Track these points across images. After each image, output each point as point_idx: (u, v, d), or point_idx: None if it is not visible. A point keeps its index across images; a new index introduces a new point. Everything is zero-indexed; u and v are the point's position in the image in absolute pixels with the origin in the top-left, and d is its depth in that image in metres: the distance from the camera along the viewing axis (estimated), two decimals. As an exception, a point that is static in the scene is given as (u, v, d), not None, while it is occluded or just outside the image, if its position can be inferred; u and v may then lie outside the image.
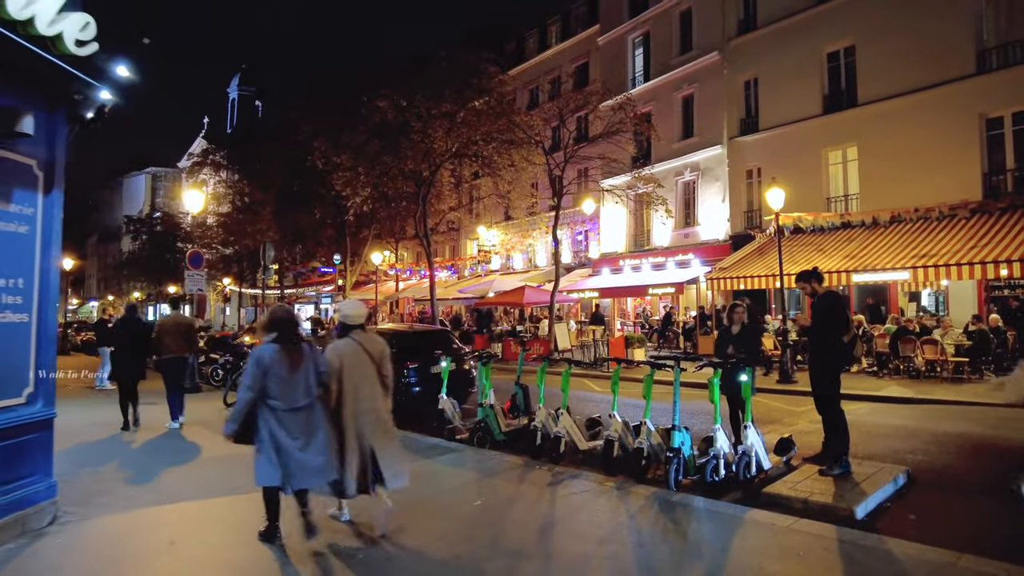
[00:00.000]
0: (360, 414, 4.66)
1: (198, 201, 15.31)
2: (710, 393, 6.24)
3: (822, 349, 6.32)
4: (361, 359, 4.73)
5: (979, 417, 9.61)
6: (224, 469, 6.80)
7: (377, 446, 4.67)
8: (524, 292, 21.71)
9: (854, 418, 9.65)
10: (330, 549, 4.53)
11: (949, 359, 13.06)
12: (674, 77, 23.29)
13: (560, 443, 7.39)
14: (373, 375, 4.76)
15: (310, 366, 4.45)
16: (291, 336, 4.45)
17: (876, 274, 14.46)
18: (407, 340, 10.80)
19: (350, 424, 4.63)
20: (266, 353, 4.32)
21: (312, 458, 4.33)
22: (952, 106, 15.75)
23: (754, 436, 6.25)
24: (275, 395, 4.29)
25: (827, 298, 6.43)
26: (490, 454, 7.59)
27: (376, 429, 4.70)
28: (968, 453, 7.35)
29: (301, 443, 4.30)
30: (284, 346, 4.38)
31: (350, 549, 4.56)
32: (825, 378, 6.27)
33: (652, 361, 6.89)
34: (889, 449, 7.48)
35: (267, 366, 4.29)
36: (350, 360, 4.69)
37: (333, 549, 4.54)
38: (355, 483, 4.61)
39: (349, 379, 4.65)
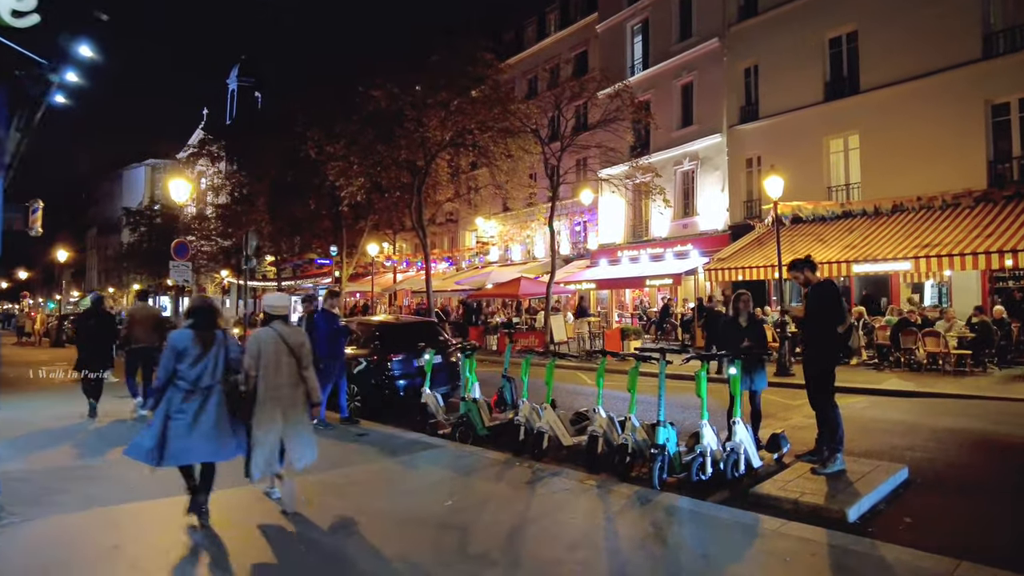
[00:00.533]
0: (273, 399, 4.99)
1: (184, 191, 14.99)
2: (697, 387, 5.93)
3: (816, 341, 6.01)
4: (279, 348, 5.06)
5: (981, 412, 9.29)
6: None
7: (286, 429, 5.03)
8: (520, 283, 21.40)
9: (852, 412, 9.38)
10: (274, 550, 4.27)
11: (951, 352, 12.73)
12: (673, 64, 22.85)
13: (543, 439, 7.11)
14: (290, 363, 5.09)
15: (220, 351, 4.73)
16: (206, 323, 4.74)
17: (877, 264, 14.10)
18: (391, 332, 10.51)
19: (264, 406, 4.96)
20: (181, 337, 4.66)
21: (196, 437, 4.54)
22: (957, 92, 15.32)
23: (743, 432, 5.95)
24: (183, 375, 4.59)
25: (821, 288, 6.11)
26: (471, 450, 7.31)
27: (288, 412, 5.05)
28: (969, 450, 7.03)
29: (191, 421, 4.53)
30: (198, 332, 4.68)
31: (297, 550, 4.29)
32: (818, 371, 5.97)
33: (637, 354, 6.58)
34: (887, 445, 7.17)
35: (180, 348, 4.60)
36: (268, 348, 5.03)
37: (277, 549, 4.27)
38: (263, 462, 4.94)
39: (265, 365, 5.00)
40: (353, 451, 7.29)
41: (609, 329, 19.91)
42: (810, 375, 6.06)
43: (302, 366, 5.11)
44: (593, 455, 6.59)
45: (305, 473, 6.27)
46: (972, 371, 12.56)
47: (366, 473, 6.36)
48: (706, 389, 5.93)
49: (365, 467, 6.58)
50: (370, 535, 4.62)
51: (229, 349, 4.76)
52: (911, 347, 13.30)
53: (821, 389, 5.95)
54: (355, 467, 6.56)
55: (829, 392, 5.96)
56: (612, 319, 24.64)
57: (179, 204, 15.50)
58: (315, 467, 6.50)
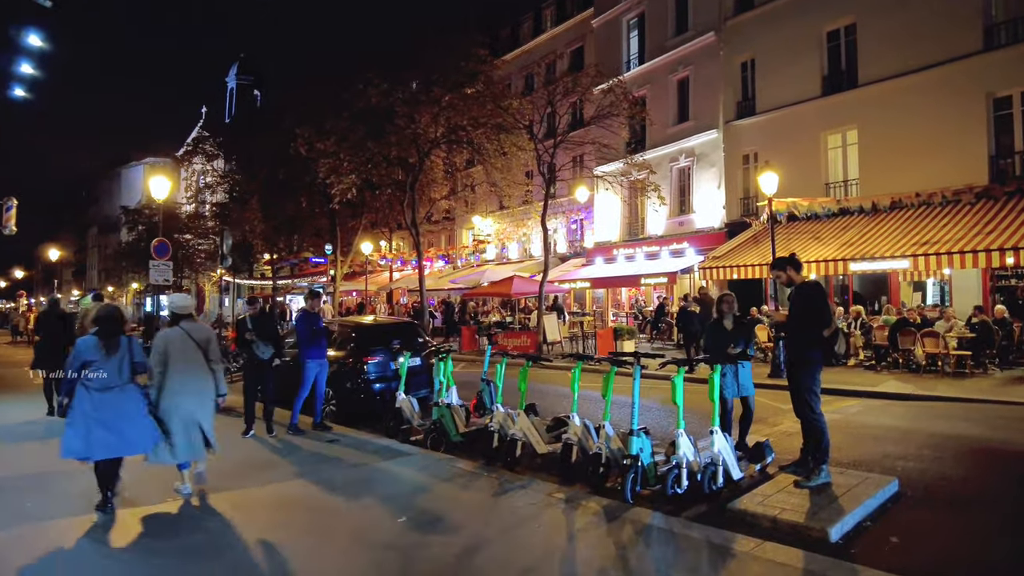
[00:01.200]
0: (187, 392, 5.40)
1: (165, 188, 14.66)
2: (673, 393, 5.57)
3: (800, 345, 5.64)
4: (187, 344, 5.49)
5: (980, 416, 8.91)
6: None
7: (202, 418, 5.48)
8: (513, 282, 21.04)
9: (844, 417, 9.00)
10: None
11: (951, 352, 12.34)
12: (669, 59, 22.44)
13: (516, 446, 6.76)
14: (199, 358, 5.53)
15: (125, 355, 5.12)
16: (110, 331, 5.10)
17: (875, 262, 13.71)
18: (367, 333, 10.17)
19: (176, 401, 5.36)
20: (86, 343, 5.05)
21: (113, 433, 4.93)
22: (957, 85, 14.90)
23: (722, 442, 5.58)
24: (92, 378, 4.96)
25: (805, 288, 5.74)
26: (441, 459, 6.97)
27: (201, 404, 5.49)
28: (965, 460, 6.65)
29: (107, 419, 4.91)
30: (103, 339, 5.05)
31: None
32: (802, 378, 5.60)
33: (612, 359, 6.22)
34: (878, 454, 6.79)
35: (86, 354, 4.99)
36: (176, 346, 5.45)
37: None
38: (181, 451, 5.36)
39: (175, 362, 5.40)
40: (316, 459, 6.95)
41: (603, 328, 19.52)
42: (793, 381, 5.69)
43: (210, 360, 5.58)
44: (567, 464, 6.25)
45: (253, 482, 5.98)
46: (972, 373, 12.17)
47: (323, 484, 6.02)
48: (682, 396, 5.57)
49: (324, 477, 6.24)
50: (303, 555, 4.28)
51: (134, 353, 5.19)
52: (909, 348, 12.91)
53: (805, 397, 5.58)
54: (313, 477, 6.22)
55: (814, 400, 5.59)
56: (608, 318, 24.26)
57: (160, 202, 15.13)
58: (270, 476, 6.24)
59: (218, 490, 5.78)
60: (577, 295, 27.13)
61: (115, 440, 4.92)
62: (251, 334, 8.16)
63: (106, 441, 4.88)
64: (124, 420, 4.98)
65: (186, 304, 5.82)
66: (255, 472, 6.42)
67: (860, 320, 14.78)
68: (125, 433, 4.97)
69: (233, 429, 8.03)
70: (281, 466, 6.68)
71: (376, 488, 5.87)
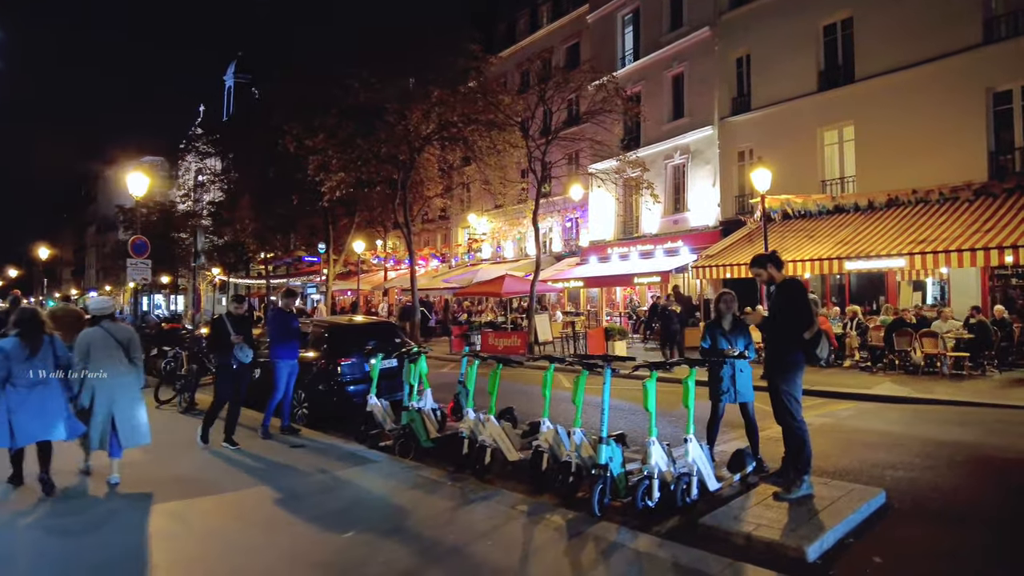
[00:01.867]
0: (105, 386, 5.84)
1: (142, 185, 14.31)
2: (645, 399, 5.22)
3: (779, 347, 5.28)
4: (108, 343, 5.94)
5: (977, 420, 8.55)
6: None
7: (118, 413, 5.87)
8: (504, 281, 20.66)
9: (835, 421, 8.64)
10: None
11: (948, 353, 11.98)
12: (664, 55, 22.07)
13: (486, 453, 6.42)
14: (120, 355, 5.97)
15: (48, 353, 5.58)
16: (31, 332, 5.53)
17: (870, 261, 13.33)
18: (341, 334, 9.80)
19: (96, 392, 5.81)
20: (8, 344, 5.44)
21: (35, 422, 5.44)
22: (956, 80, 14.52)
23: (697, 451, 5.22)
24: (18, 375, 5.39)
25: (787, 287, 5.38)
26: (407, 466, 6.63)
27: (120, 398, 5.91)
28: (959, 468, 6.28)
29: (29, 410, 5.39)
30: (24, 340, 5.48)
31: None
32: (782, 382, 5.25)
33: (581, 361, 5.88)
34: (867, 463, 6.43)
35: (10, 354, 5.39)
36: (97, 344, 5.89)
37: None
38: (97, 439, 5.82)
39: (96, 360, 5.83)
40: (276, 466, 6.61)
41: (594, 328, 19.16)
42: (772, 386, 5.34)
43: (131, 356, 6.04)
44: (537, 473, 5.92)
45: (203, 490, 5.65)
46: (971, 374, 11.80)
47: (277, 493, 5.67)
48: (655, 401, 5.22)
49: (280, 485, 5.89)
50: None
51: (56, 349, 5.66)
52: (906, 349, 12.56)
53: (785, 402, 5.23)
54: (270, 485, 5.89)
55: (794, 406, 5.24)
56: (602, 318, 23.90)
57: (139, 199, 14.78)
58: (225, 484, 5.90)
59: (166, 498, 5.46)
60: (571, 294, 26.77)
61: (38, 428, 5.46)
62: (237, 337, 7.73)
63: (29, 429, 5.41)
64: (48, 413, 5.50)
65: (106, 306, 6.32)
66: (209, 479, 6.09)
67: (856, 320, 14.43)
68: (49, 423, 5.50)
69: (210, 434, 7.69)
70: (237, 474, 6.34)
71: (330, 499, 5.53)
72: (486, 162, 22.64)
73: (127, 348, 6.01)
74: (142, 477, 6.07)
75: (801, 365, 5.26)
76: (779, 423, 5.35)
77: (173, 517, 5.08)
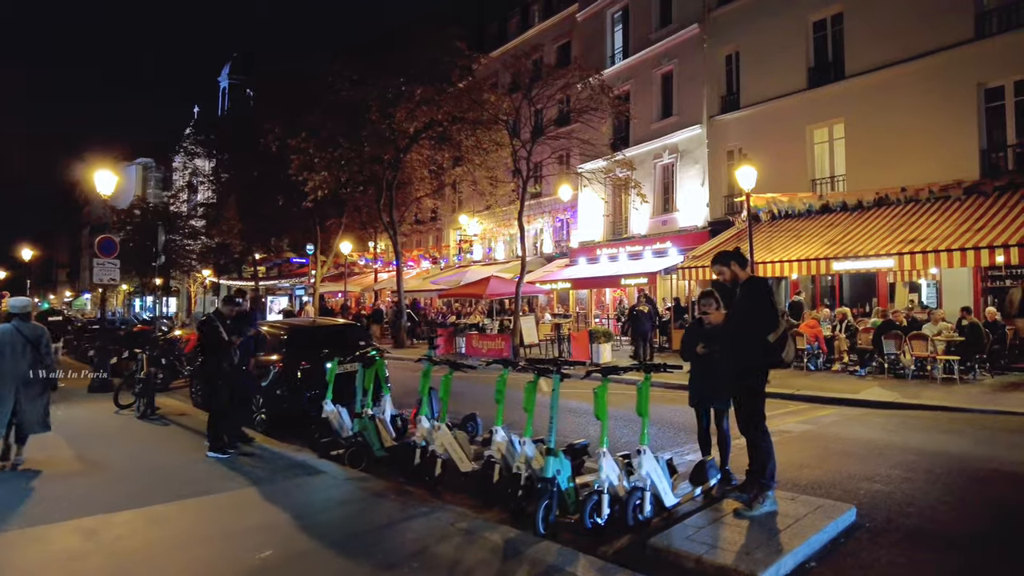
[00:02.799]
0: (11, 378, 6.38)
1: (110, 183, 13.92)
2: (596, 406, 4.83)
3: (742, 352, 4.88)
4: (16, 339, 6.45)
5: (965, 427, 8.16)
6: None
7: (23, 405, 6.43)
8: (489, 283, 20.28)
9: (817, 429, 8.23)
10: None
11: (938, 357, 11.59)
12: (653, 53, 21.71)
13: (436, 463, 6.02)
14: (28, 352, 6.50)
15: None
16: None
17: (858, 261, 12.94)
18: (302, 336, 9.38)
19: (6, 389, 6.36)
20: None
21: None
22: (948, 76, 14.14)
23: (651, 463, 4.82)
24: None
25: (750, 286, 4.99)
26: (353, 477, 6.22)
27: (24, 390, 6.46)
28: (939, 481, 5.87)
29: None
30: None
31: None
32: (744, 388, 4.85)
33: (533, 366, 5.48)
34: (843, 474, 6.03)
35: None
36: (6, 340, 6.42)
37: None
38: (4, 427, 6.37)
39: (5, 356, 6.38)
40: (215, 477, 6.21)
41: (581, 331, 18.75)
42: (734, 393, 4.94)
43: (41, 353, 6.56)
44: (487, 485, 5.53)
45: (126, 503, 5.26)
46: (962, 378, 11.41)
47: (204, 507, 5.28)
48: (606, 409, 4.83)
49: (211, 497, 5.50)
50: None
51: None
52: (895, 352, 12.16)
53: (748, 410, 4.83)
54: (197, 496, 5.49)
55: (757, 415, 4.84)
56: (591, 320, 23.51)
57: (107, 197, 14.36)
58: (151, 496, 5.49)
59: (81, 513, 5.06)
60: (561, 296, 26.37)
61: None
62: (237, 337, 7.35)
63: None
64: None
65: (23, 305, 6.72)
66: (140, 491, 5.69)
67: (846, 323, 14.04)
68: None
69: (147, 440, 7.30)
70: (171, 484, 5.93)
71: (262, 513, 5.13)
72: (473, 162, 22.32)
73: (36, 345, 6.54)
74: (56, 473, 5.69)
75: (765, 371, 4.87)
76: (742, 433, 4.95)
77: (82, 533, 4.67)
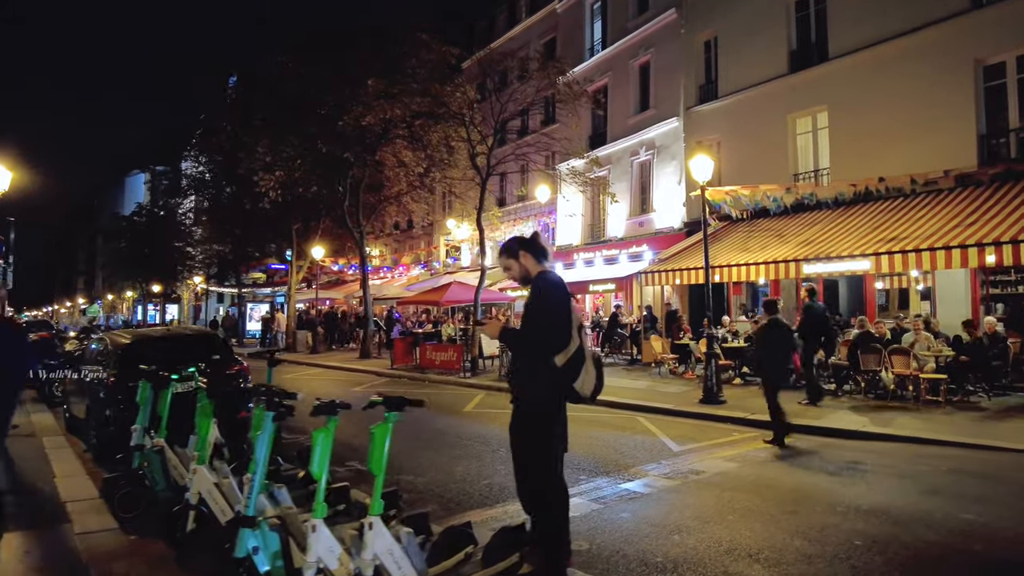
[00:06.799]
0: None
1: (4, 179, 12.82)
2: (371, 454, 3.33)
3: (524, 376, 3.37)
4: None
5: (931, 468, 6.46)
6: None
7: None
8: (449, 289, 18.86)
9: (736, 469, 6.51)
10: None
11: (922, 375, 9.83)
12: (631, 42, 20.18)
13: (188, 516, 4.58)
14: None
15: None
16: None
17: (831, 263, 11.21)
18: (139, 348, 7.96)
19: None
20: None
21: None
22: (941, 52, 12.38)
23: (384, 540, 3.29)
24: None
25: (536, 285, 3.48)
26: (99, 530, 4.82)
27: None
28: (861, 562, 4.22)
29: None
30: None
31: None
32: (525, 424, 3.34)
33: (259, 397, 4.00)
34: (722, 546, 4.39)
35: None
36: None
37: None
38: None
39: None
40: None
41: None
42: (516, 429, 3.43)
43: None
44: (176, 535, 4.31)
45: None
46: (949, 400, 9.64)
47: None
48: (384, 459, 3.33)
49: None
50: None
51: None
52: (874, 369, 10.41)
53: (530, 453, 3.31)
54: None
55: (545, 462, 3.32)
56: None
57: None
58: None
59: None
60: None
61: None
62: None
63: None
64: None
65: None
66: None
67: (825, 337, 12.26)
68: None
69: None
70: None
71: None
72: (444, 161, 21.06)
73: None
74: None
75: (551, 406, 3.34)
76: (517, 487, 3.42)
77: None
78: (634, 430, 8.77)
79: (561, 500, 3.33)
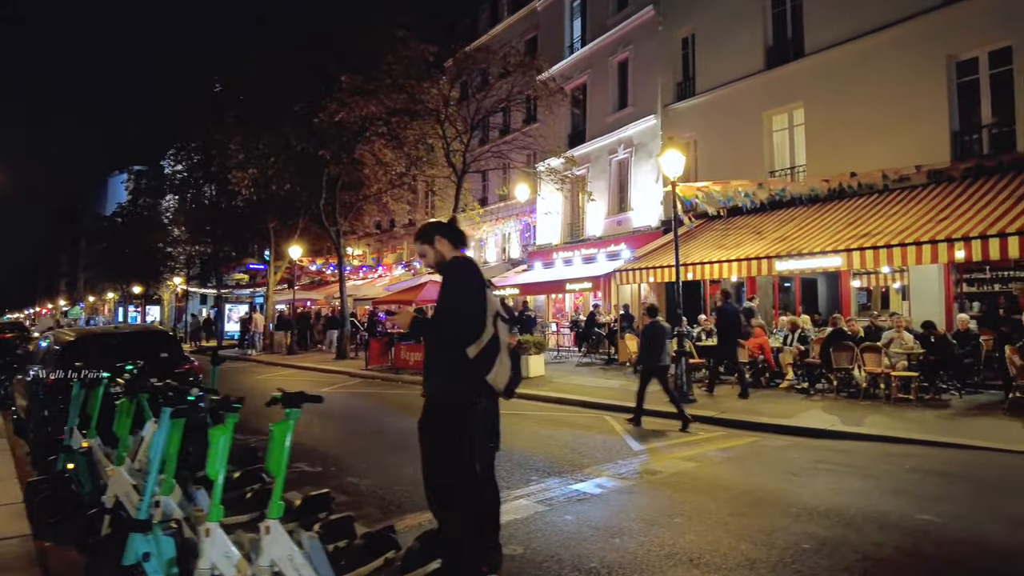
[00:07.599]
0: None
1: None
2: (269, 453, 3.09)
3: (437, 367, 3.15)
4: None
5: (892, 468, 6.29)
6: None
7: None
8: (424, 288, 18.62)
9: (698, 468, 6.28)
10: None
11: (893, 373, 9.70)
12: (609, 40, 20.04)
13: (103, 519, 4.30)
14: None
15: None
16: None
17: (803, 260, 11.09)
18: (83, 347, 7.66)
19: None
20: None
21: None
22: (914, 48, 12.31)
23: (283, 546, 3.04)
24: None
25: (446, 270, 3.27)
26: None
27: None
28: (803, 563, 4.03)
29: None
30: None
31: None
32: (432, 422, 3.11)
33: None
34: (663, 551, 4.21)
35: None
36: None
37: None
38: None
39: None
40: None
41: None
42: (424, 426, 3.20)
43: None
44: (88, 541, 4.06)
45: None
46: (920, 399, 9.52)
47: None
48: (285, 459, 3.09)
49: None
50: None
51: None
52: (846, 367, 10.28)
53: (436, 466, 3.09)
54: None
55: (457, 473, 3.09)
56: (548, 330, 21.69)
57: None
58: None
59: None
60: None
61: None
62: None
63: None
64: None
65: None
66: None
67: (799, 333, 12.14)
68: None
69: None
70: None
71: None
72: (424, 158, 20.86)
73: None
74: None
75: (464, 404, 3.12)
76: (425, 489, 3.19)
77: None
78: (599, 429, 8.57)
79: (470, 499, 3.10)
